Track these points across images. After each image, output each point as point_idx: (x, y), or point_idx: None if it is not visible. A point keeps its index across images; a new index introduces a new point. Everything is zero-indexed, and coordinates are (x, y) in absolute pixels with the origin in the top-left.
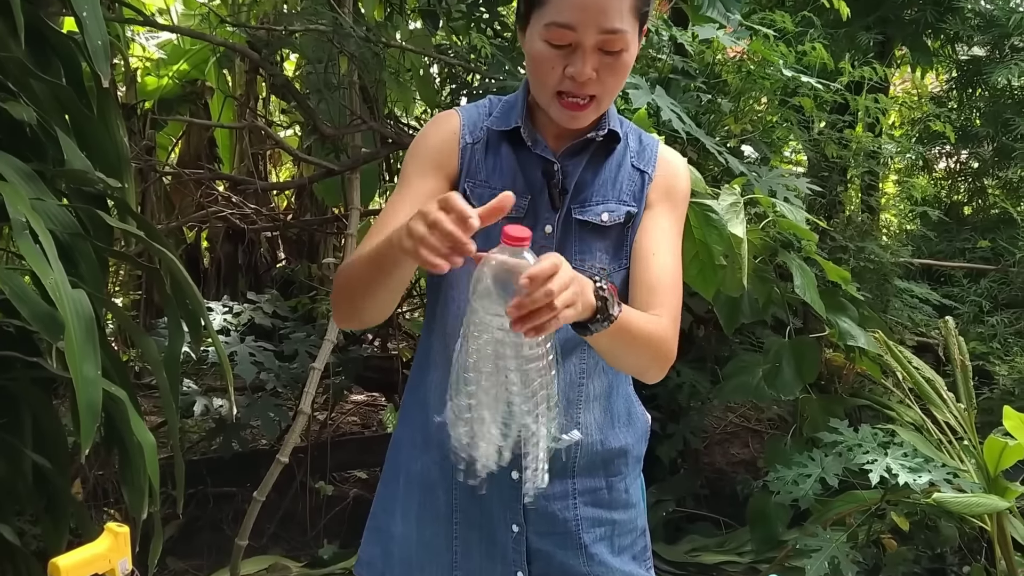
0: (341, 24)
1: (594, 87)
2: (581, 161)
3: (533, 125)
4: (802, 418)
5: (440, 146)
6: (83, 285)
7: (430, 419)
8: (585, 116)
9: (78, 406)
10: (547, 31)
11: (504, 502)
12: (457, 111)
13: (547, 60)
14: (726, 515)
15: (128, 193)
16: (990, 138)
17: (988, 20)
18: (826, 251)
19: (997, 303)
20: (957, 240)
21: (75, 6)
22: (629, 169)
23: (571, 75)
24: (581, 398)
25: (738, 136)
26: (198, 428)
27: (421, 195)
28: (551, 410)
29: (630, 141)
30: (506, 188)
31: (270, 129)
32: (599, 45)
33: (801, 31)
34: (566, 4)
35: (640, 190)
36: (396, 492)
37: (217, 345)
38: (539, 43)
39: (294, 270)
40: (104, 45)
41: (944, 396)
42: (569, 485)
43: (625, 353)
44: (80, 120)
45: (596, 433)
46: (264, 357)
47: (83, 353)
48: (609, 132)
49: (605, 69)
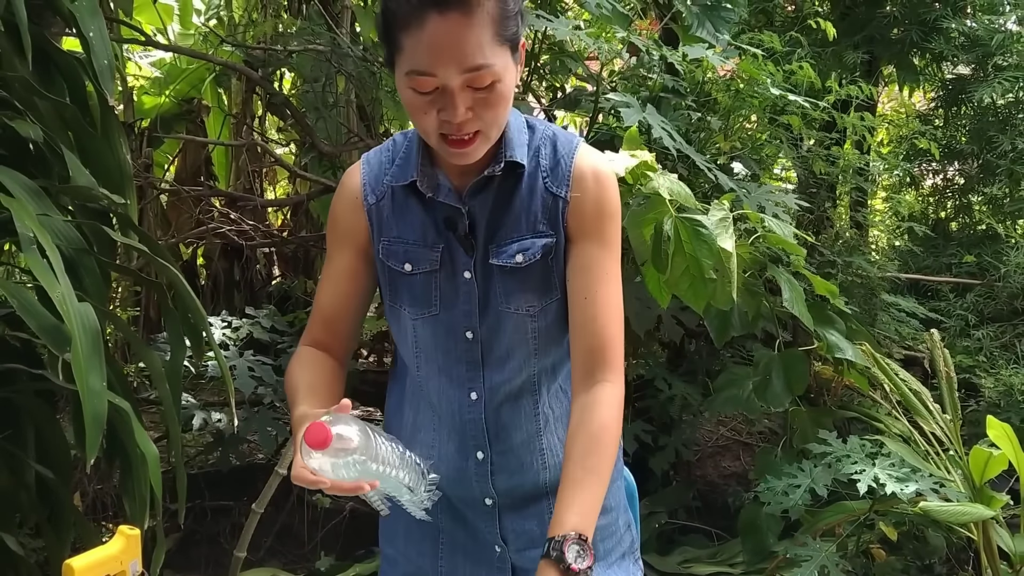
0: (339, 44)
1: (474, 124)
2: (488, 198)
3: (435, 166)
4: (792, 430)
5: (346, 216)
6: (88, 299)
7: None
8: (475, 150)
9: (84, 417)
10: (410, 79)
11: (484, 523)
12: (359, 167)
13: (419, 108)
14: (718, 527)
15: (131, 209)
16: (975, 155)
17: (972, 40)
18: (815, 266)
19: (983, 317)
20: (943, 255)
21: (81, 26)
22: (542, 193)
23: (445, 119)
24: (541, 426)
25: (728, 153)
26: (196, 442)
27: (340, 272)
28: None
29: (541, 158)
30: (417, 240)
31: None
32: (466, 83)
33: (789, 51)
34: (420, 50)
35: (556, 216)
36: (388, 517)
37: (219, 358)
38: (407, 91)
39: (291, 285)
40: (110, 64)
41: (930, 407)
42: (544, 504)
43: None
44: (84, 137)
45: (560, 453)
46: (262, 371)
47: (89, 365)
48: (506, 164)
49: (480, 105)
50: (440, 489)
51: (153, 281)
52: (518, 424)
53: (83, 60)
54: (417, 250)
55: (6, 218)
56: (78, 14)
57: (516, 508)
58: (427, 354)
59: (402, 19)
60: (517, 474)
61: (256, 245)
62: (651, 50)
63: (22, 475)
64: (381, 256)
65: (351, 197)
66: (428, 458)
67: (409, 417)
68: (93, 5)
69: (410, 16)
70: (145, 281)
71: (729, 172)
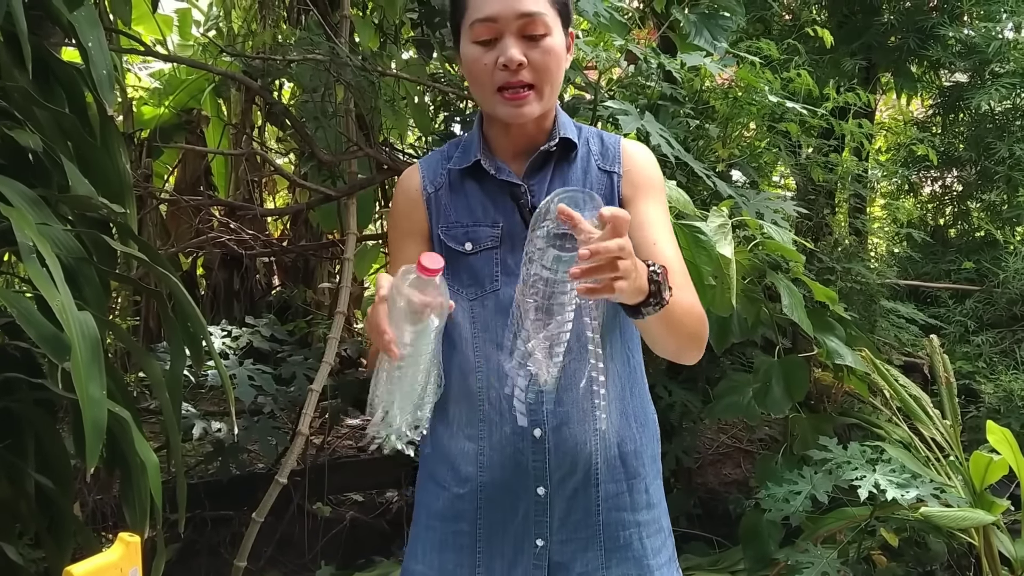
0: (338, 54)
1: (528, 74)
2: (546, 176)
3: (494, 154)
4: (792, 437)
5: (406, 210)
6: (88, 308)
7: (452, 452)
8: (528, 106)
9: (84, 426)
10: (472, 31)
11: (530, 517)
12: (418, 165)
13: (478, 58)
14: (719, 534)
15: (131, 218)
16: (973, 162)
17: (969, 47)
18: (814, 272)
19: (982, 323)
20: (942, 262)
21: (81, 36)
22: (596, 173)
23: (502, 64)
24: (596, 405)
25: (726, 161)
26: (196, 451)
27: (404, 263)
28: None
29: (591, 145)
30: (476, 221)
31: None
32: (520, 31)
33: (787, 58)
34: (483, 1)
35: (611, 191)
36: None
37: (219, 367)
38: (469, 47)
39: (291, 294)
40: (109, 74)
41: (930, 413)
42: (593, 492)
43: (670, 335)
44: (83, 147)
45: (613, 436)
46: (262, 380)
47: (89, 374)
48: (562, 140)
49: (532, 53)
50: (490, 487)
51: (153, 290)
52: (575, 400)
53: (82, 70)
54: (477, 229)
55: (6, 227)
56: (77, 25)
57: (566, 497)
58: (487, 333)
59: None
60: (571, 453)
61: (256, 254)
62: (649, 58)
63: (22, 484)
64: (442, 239)
65: (412, 189)
66: (479, 455)
67: (453, 412)
68: (92, 16)
69: None
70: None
71: (728, 179)
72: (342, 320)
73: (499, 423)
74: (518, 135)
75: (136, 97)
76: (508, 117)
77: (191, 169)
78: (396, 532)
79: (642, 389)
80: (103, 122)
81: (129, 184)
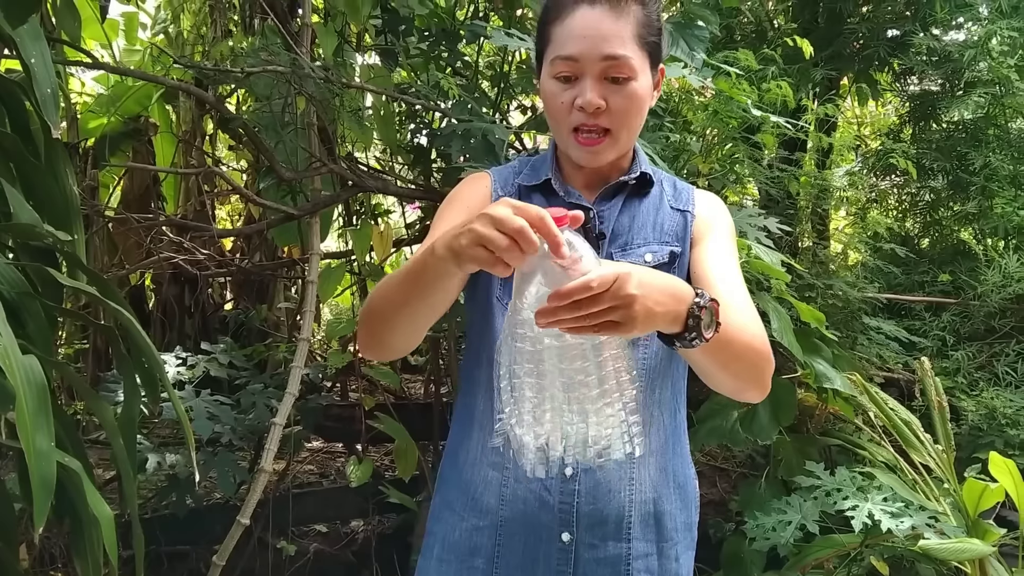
0: (300, 65)
1: (605, 119)
2: (616, 205)
3: (564, 180)
4: (776, 461)
5: (474, 196)
6: (33, 348)
7: (473, 481)
8: (602, 151)
9: (31, 481)
10: (554, 66)
11: (551, 565)
12: (489, 172)
13: (557, 95)
14: (698, 559)
15: (78, 245)
16: (945, 172)
17: (942, 56)
18: (794, 288)
19: (959, 336)
20: (915, 273)
21: (23, 52)
22: (668, 211)
23: (579, 105)
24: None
25: (707, 176)
26: (149, 482)
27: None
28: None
29: (665, 186)
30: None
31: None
32: (603, 73)
33: (760, 69)
34: (567, 36)
35: (683, 230)
36: (428, 565)
37: (176, 404)
38: (549, 81)
39: (248, 316)
40: (53, 93)
41: (921, 438)
42: (623, 549)
43: (721, 371)
44: (26, 169)
45: (650, 491)
46: (220, 411)
47: (36, 424)
48: (641, 175)
49: (613, 97)
50: (511, 523)
51: (104, 325)
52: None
53: (23, 84)
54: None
55: None
56: (19, 39)
57: (593, 547)
58: None
59: (555, 11)
60: (602, 500)
61: (211, 275)
62: None
63: None
64: None
65: (482, 186)
66: (502, 486)
67: (477, 437)
68: (36, 30)
69: (563, 8)
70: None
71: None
72: (306, 348)
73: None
74: (591, 171)
75: (80, 103)
76: (580, 160)
77: (139, 180)
78: (363, 563)
79: (684, 449)
80: (48, 141)
81: (77, 208)
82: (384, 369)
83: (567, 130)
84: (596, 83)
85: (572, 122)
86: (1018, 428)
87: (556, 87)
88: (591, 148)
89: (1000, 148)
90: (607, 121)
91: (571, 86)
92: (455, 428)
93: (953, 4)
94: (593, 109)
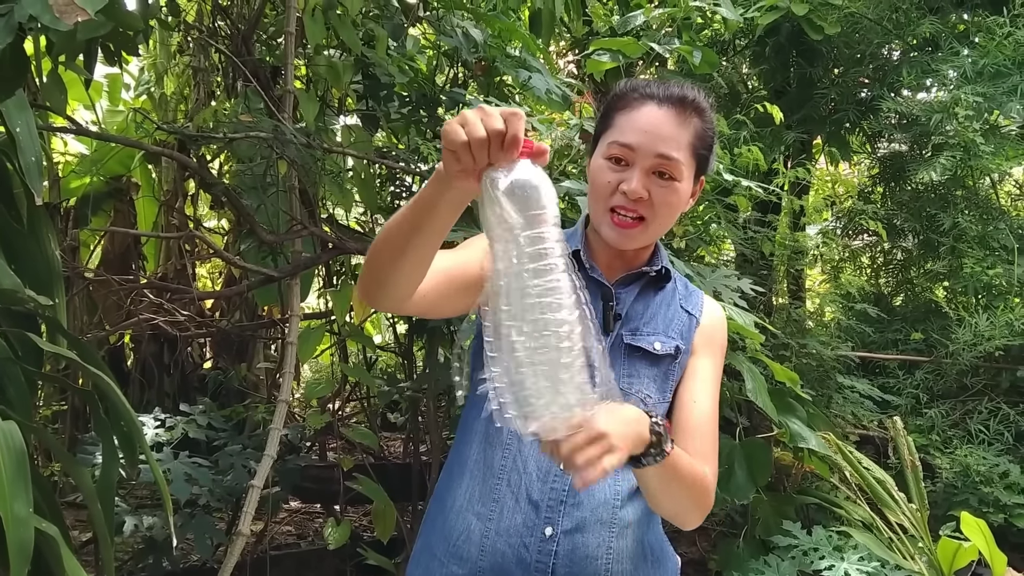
0: (282, 131)
1: (644, 208)
2: (633, 292)
3: (591, 254)
4: (754, 520)
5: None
6: (12, 413)
7: (456, 528)
8: (633, 236)
9: (8, 547)
10: (609, 149)
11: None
12: None
13: (604, 173)
14: None
15: (59, 309)
16: (915, 232)
17: (910, 119)
18: (768, 348)
19: (933, 394)
20: (888, 331)
21: (8, 122)
22: (678, 309)
23: (624, 190)
24: (615, 521)
25: (682, 236)
26: (126, 545)
27: (472, 254)
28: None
29: (678, 284)
30: None
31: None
32: (653, 168)
33: (733, 132)
34: (630, 126)
35: (688, 331)
36: None
37: (154, 468)
38: (601, 160)
39: (227, 375)
40: (38, 161)
41: (896, 497)
42: None
43: (670, 493)
44: (9, 234)
45: (627, 563)
46: (198, 472)
47: (14, 491)
48: (663, 269)
49: (656, 190)
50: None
51: (84, 390)
52: (594, 506)
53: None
54: None
55: None
56: (5, 109)
57: None
58: None
59: (623, 102)
60: (579, 565)
61: (191, 336)
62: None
63: None
64: None
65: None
66: (483, 537)
67: (467, 486)
68: (21, 100)
69: (632, 101)
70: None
71: (682, 256)
72: (285, 409)
73: (512, 510)
74: (616, 253)
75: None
76: (610, 239)
77: (120, 240)
78: None
79: (659, 524)
80: (30, 207)
81: (59, 272)
82: (363, 430)
83: (604, 208)
84: (644, 175)
85: (612, 202)
86: (991, 486)
87: (605, 167)
88: (624, 231)
89: (968, 209)
90: (644, 210)
91: (620, 170)
92: (445, 474)
93: (919, 69)
94: (636, 197)
